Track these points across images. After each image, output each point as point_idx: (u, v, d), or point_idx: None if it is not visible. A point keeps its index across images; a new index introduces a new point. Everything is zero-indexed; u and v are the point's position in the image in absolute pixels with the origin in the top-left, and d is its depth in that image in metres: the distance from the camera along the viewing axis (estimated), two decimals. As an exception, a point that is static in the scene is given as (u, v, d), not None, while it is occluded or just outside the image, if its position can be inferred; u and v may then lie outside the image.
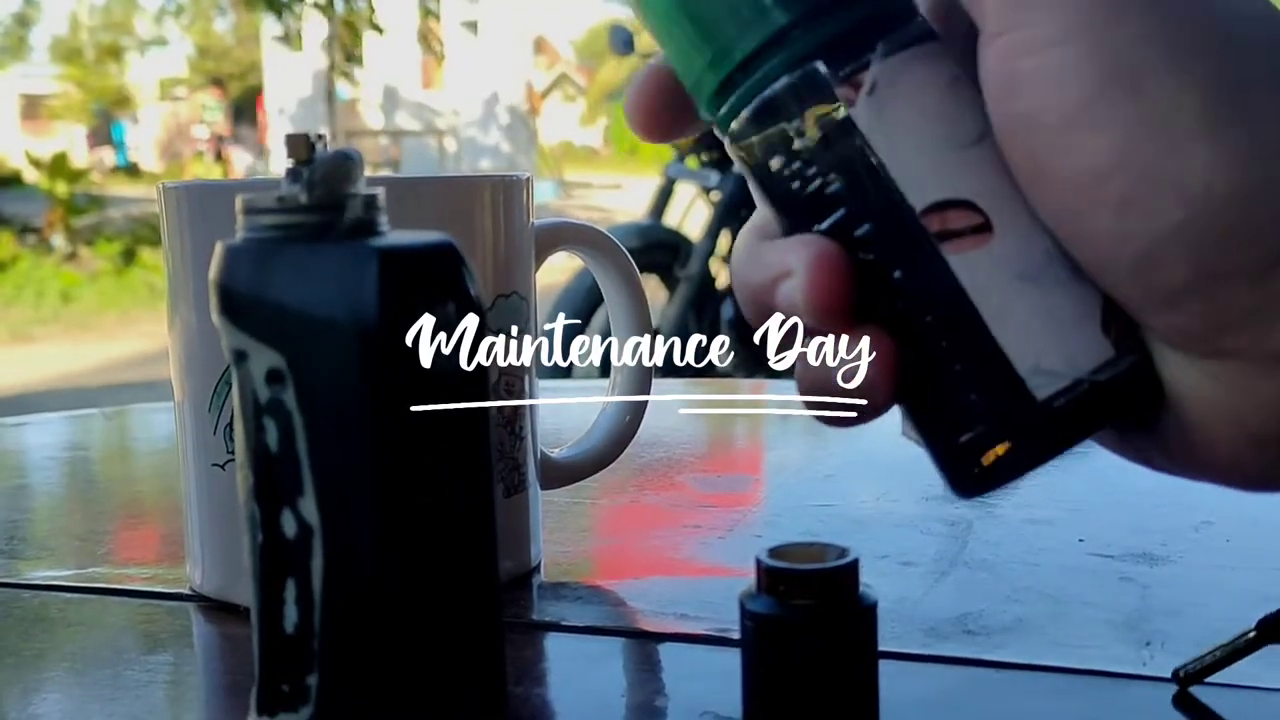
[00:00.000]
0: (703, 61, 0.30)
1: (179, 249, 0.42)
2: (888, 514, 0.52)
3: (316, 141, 0.28)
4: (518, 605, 0.43)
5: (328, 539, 0.26)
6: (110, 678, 0.38)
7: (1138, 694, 0.35)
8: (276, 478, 0.27)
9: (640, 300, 0.48)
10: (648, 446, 0.63)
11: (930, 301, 0.29)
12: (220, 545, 0.43)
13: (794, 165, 0.30)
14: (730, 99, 0.30)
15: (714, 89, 0.30)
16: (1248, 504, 0.50)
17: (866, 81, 0.29)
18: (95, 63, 18.48)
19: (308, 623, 0.27)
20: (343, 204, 0.27)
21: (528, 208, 0.45)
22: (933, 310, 0.29)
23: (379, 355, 0.26)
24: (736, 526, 0.51)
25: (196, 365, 0.42)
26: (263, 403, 0.27)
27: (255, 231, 0.27)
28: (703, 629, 0.40)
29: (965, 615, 0.40)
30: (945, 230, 0.29)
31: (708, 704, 0.34)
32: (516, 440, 0.44)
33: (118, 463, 0.74)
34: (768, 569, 0.30)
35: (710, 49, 0.30)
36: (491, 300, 0.43)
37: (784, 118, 0.29)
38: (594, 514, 0.54)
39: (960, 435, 0.30)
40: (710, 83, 0.30)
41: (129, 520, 0.57)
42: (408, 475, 0.26)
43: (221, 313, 0.27)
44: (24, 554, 0.50)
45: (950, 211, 0.29)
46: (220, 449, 0.42)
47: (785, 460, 0.66)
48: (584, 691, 0.37)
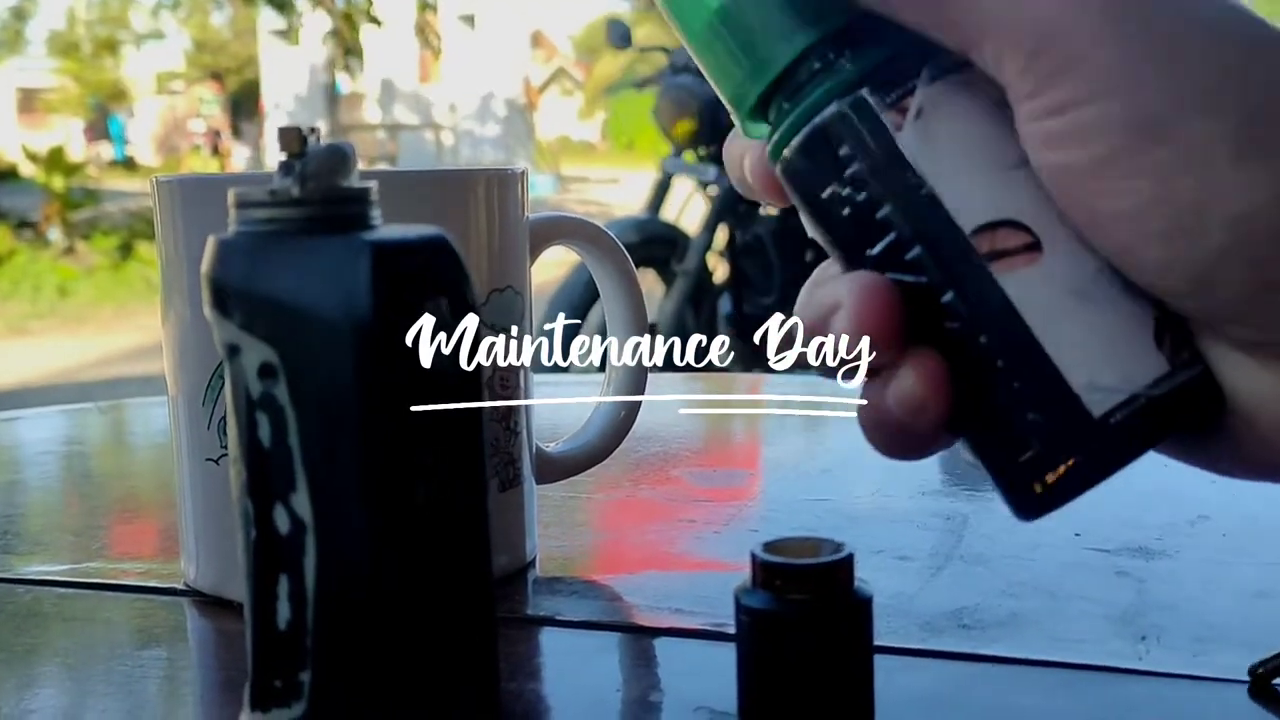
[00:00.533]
0: (741, 73, 0.30)
1: (172, 243, 0.42)
2: (883, 509, 0.51)
3: (309, 135, 0.27)
4: (512, 600, 0.42)
5: (320, 535, 0.26)
6: (104, 673, 0.38)
7: (1134, 689, 0.35)
8: (269, 473, 0.27)
9: (636, 295, 0.48)
10: (643, 441, 0.63)
11: (983, 322, 0.29)
12: (214, 541, 0.43)
13: (844, 192, 0.30)
14: (780, 129, 0.30)
15: (754, 102, 0.31)
16: (1244, 499, 0.50)
17: (912, 107, 0.29)
18: (92, 56, 18.46)
19: (300, 619, 0.27)
20: (335, 197, 0.27)
21: (522, 202, 0.45)
22: (986, 330, 0.29)
23: (371, 349, 0.26)
24: (732, 521, 0.51)
25: (190, 360, 0.42)
26: (255, 398, 0.27)
27: (248, 225, 0.27)
28: (698, 624, 0.39)
29: (961, 610, 0.40)
30: (995, 250, 0.29)
31: (703, 699, 0.34)
32: (511, 435, 0.44)
33: (113, 457, 0.74)
34: (763, 564, 0.30)
35: (749, 61, 0.30)
36: (486, 295, 0.43)
37: (833, 146, 0.30)
38: (589, 509, 0.54)
39: (1019, 455, 0.29)
40: (750, 95, 0.31)
41: (124, 515, 0.57)
42: (400, 470, 0.26)
43: (214, 307, 0.27)
44: (18, 549, 0.50)
45: (999, 231, 0.29)
46: (214, 444, 0.42)
47: (781, 455, 0.66)
48: (579, 686, 0.36)
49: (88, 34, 18.78)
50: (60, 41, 19.16)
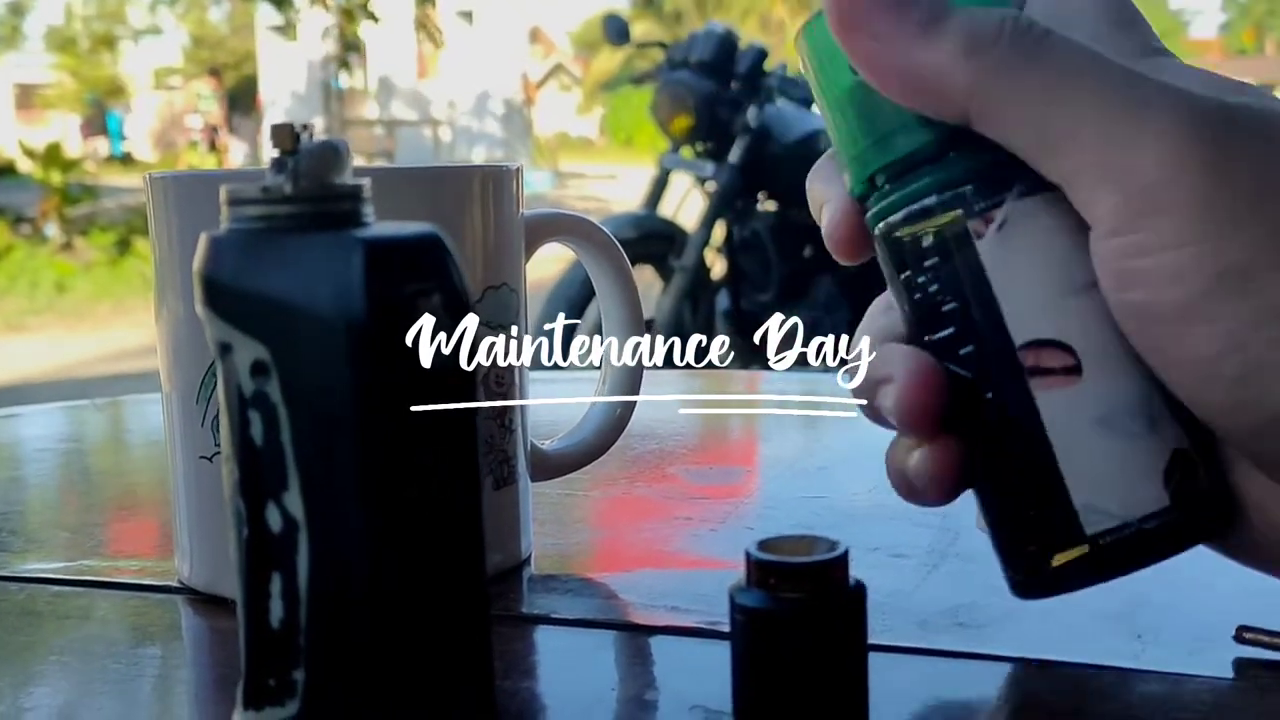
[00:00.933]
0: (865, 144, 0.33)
1: (166, 239, 0.42)
2: (880, 506, 0.51)
3: (302, 131, 0.27)
4: (507, 598, 0.42)
5: (313, 533, 0.26)
6: (98, 671, 0.38)
7: (1130, 687, 0.35)
8: (261, 471, 0.27)
9: (632, 293, 0.48)
10: (639, 438, 0.63)
11: (1011, 426, 0.32)
12: (209, 539, 0.42)
13: (920, 278, 0.33)
14: (883, 201, 0.33)
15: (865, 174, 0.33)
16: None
17: (998, 218, 0.32)
18: (89, 52, 18.45)
19: (293, 618, 0.27)
20: (328, 195, 0.27)
21: (518, 199, 0.45)
22: (1011, 433, 0.32)
23: (363, 347, 0.25)
24: (728, 519, 0.51)
25: (184, 357, 0.42)
26: (247, 395, 0.27)
27: (240, 222, 0.27)
28: (693, 622, 0.39)
29: (957, 607, 0.40)
30: (1038, 366, 0.32)
31: (698, 697, 0.34)
32: (506, 433, 0.44)
33: (109, 454, 0.73)
34: (758, 562, 0.30)
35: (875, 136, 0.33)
36: (481, 292, 0.42)
37: (923, 233, 0.32)
38: (585, 506, 0.54)
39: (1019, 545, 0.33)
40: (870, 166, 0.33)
41: (120, 513, 0.57)
42: (393, 468, 0.26)
43: (206, 304, 0.27)
44: (13, 546, 0.50)
45: (1046, 350, 0.32)
46: (208, 441, 0.41)
47: (777, 453, 0.66)
48: (574, 685, 0.36)
49: (85, 29, 18.77)
50: (58, 37, 19.15)
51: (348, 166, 0.28)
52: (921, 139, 0.32)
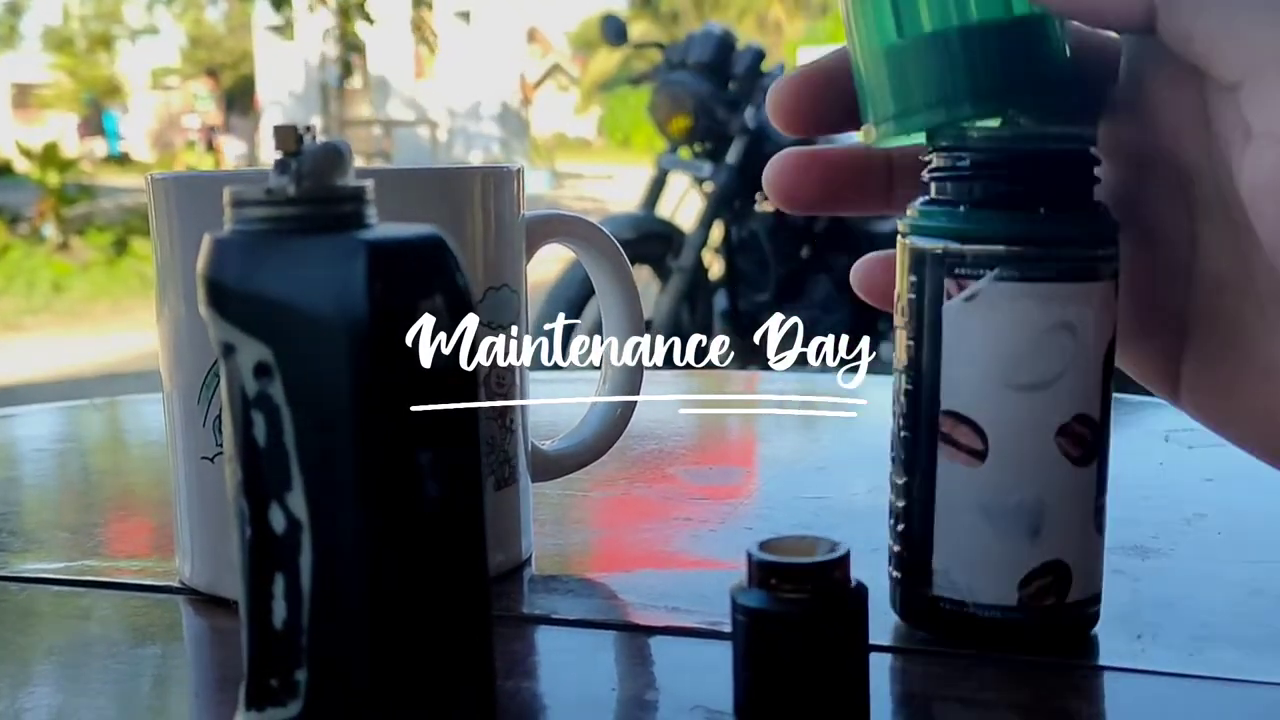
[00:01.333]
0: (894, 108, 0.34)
1: (167, 240, 0.42)
2: (880, 506, 0.51)
3: (304, 133, 0.27)
4: (508, 598, 0.42)
5: (316, 534, 0.26)
6: (99, 671, 0.38)
7: (1130, 687, 0.35)
8: (264, 472, 0.27)
9: (632, 293, 0.48)
10: (640, 439, 0.63)
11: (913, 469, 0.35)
12: (210, 539, 0.42)
13: (900, 301, 0.35)
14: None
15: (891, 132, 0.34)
16: (1239, 497, 0.50)
17: (970, 289, 0.33)
18: (86, 52, 18.42)
19: (296, 618, 0.27)
20: (331, 196, 0.27)
21: (518, 200, 0.45)
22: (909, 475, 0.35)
23: (366, 348, 0.25)
24: (728, 519, 0.51)
25: (185, 357, 0.42)
26: (250, 396, 0.27)
27: (243, 224, 0.27)
28: (694, 622, 0.39)
29: (957, 608, 0.40)
30: (950, 436, 0.34)
31: (699, 697, 0.34)
32: (507, 433, 0.44)
33: (108, 455, 0.73)
34: (759, 562, 0.30)
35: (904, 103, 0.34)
36: (482, 293, 0.43)
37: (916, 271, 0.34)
38: (585, 506, 0.54)
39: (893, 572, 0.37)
40: (888, 131, 0.34)
41: (119, 513, 0.57)
42: (395, 469, 0.26)
43: (209, 305, 0.27)
44: (13, 546, 0.50)
45: (963, 426, 0.34)
46: (209, 442, 0.41)
47: (777, 453, 0.66)
48: (574, 685, 0.36)
49: (82, 29, 18.74)
50: (55, 37, 19.12)
51: (350, 168, 0.28)
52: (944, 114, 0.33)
